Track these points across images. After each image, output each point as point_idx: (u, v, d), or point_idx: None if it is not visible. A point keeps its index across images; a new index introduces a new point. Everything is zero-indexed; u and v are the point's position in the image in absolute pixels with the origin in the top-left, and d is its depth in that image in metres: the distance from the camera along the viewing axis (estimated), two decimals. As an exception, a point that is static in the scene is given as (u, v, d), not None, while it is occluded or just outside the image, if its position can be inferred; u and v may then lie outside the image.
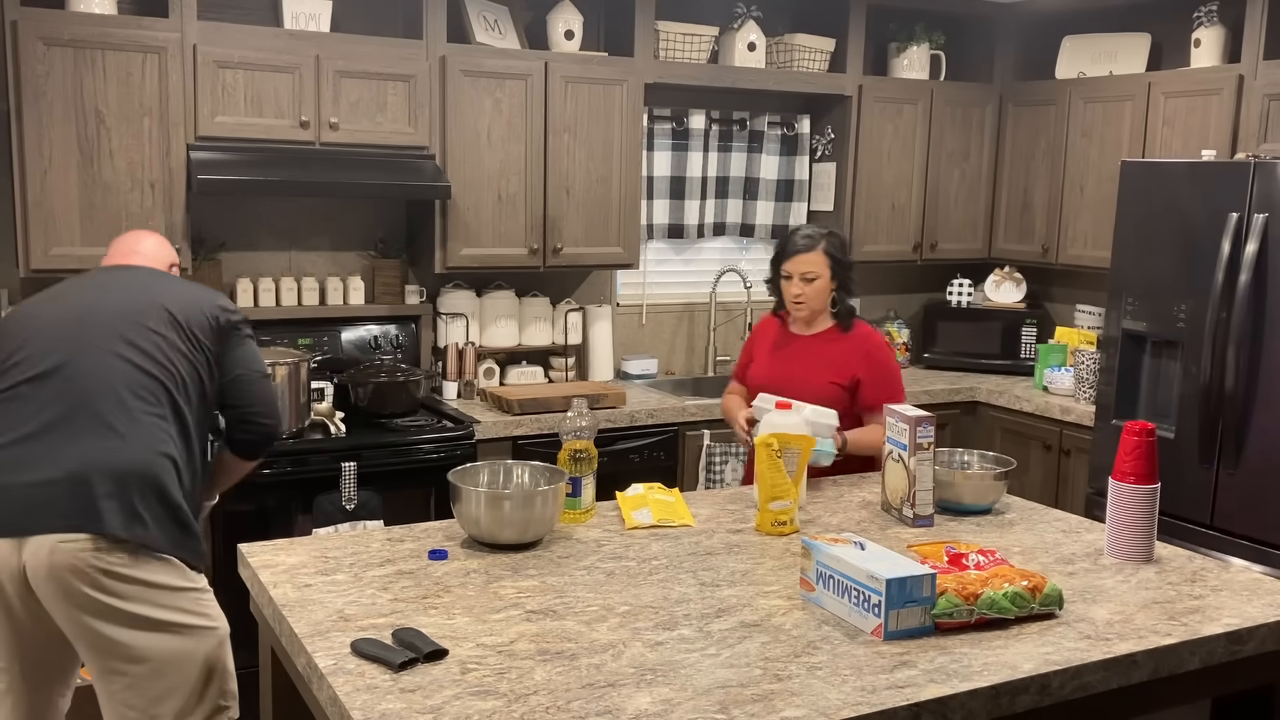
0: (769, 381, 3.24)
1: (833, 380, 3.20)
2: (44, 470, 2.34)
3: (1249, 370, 3.64)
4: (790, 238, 3.27)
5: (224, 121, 3.72)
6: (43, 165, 3.50)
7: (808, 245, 3.21)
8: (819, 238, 3.23)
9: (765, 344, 3.39)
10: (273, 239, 4.21)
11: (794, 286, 3.22)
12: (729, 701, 1.78)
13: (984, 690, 1.87)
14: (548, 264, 4.32)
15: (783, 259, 3.24)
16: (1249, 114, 4.19)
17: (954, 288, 5.37)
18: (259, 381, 2.72)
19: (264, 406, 2.73)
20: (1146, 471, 2.48)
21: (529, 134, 4.21)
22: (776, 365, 3.30)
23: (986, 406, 4.86)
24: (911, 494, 2.69)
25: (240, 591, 2.50)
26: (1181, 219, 3.84)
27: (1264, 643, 2.19)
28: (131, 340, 2.50)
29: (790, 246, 3.23)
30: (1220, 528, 3.74)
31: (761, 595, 2.24)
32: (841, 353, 3.24)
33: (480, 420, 3.97)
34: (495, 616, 2.10)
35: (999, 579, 2.13)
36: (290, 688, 2.24)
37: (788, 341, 3.34)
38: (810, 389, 3.16)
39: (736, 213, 5.09)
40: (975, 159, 5.23)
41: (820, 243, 3.21)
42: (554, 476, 2.61)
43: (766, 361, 3.35)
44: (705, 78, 4.63)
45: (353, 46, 3.91)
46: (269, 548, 2.48)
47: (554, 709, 1.74)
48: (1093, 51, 4.96)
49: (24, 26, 3.44)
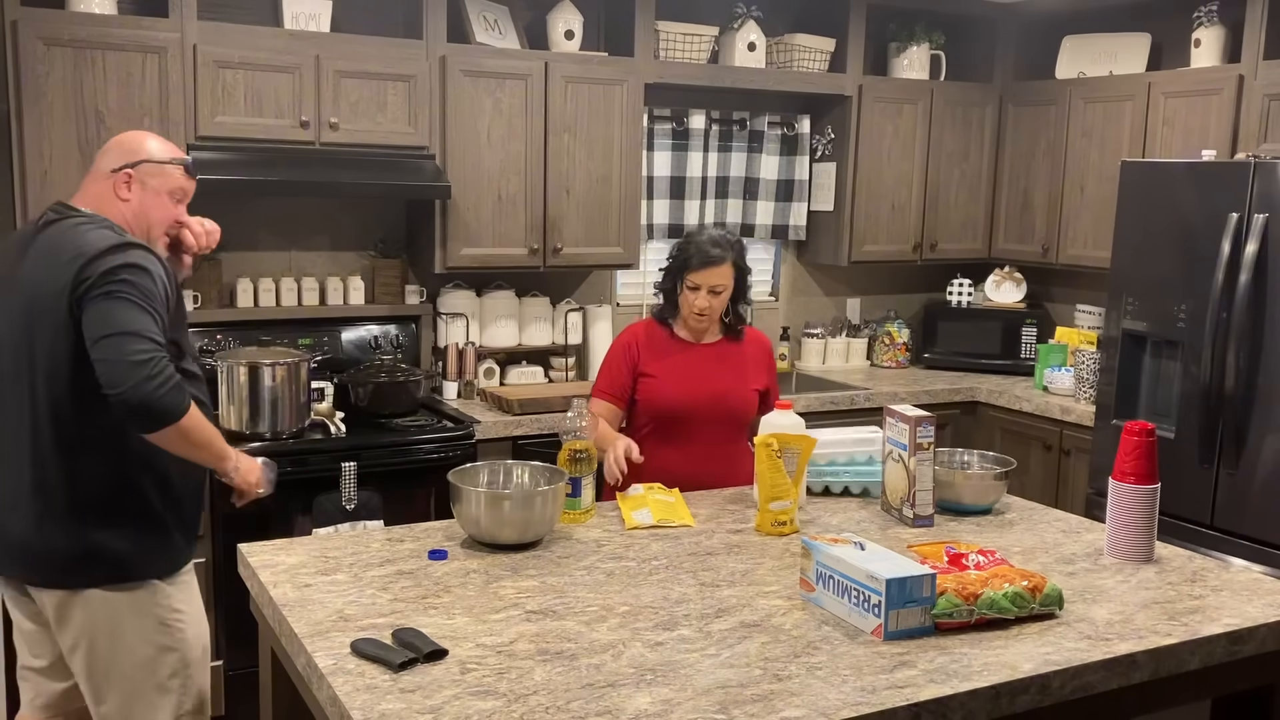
0: (693, 396, 3.07)
1: (754, 387, 3.16)
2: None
3: (1249, 370, 3.64)
4: (699, 247, 3.04)
5: (224, 121, 3.72)
6: (43, 165, 3.50)
7: (720, 257, 3.02)
8: (729, 248, 3.06)
9: (654, 355, 3.12)
10: (273, 239, 4.21)
11: (700, 299, 3.03)
12: (729, 701, 1.78)
13: (984, 690, 1.87)
14: (548, 264, 4.32)
15: (690, 269, 3.04)
16: (1249, 114, 4.18)
17: (954, 288, 5.37)
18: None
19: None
20: (1146, 471, 2.48)
21: (529, 134, 4.21)
22: (692, 377, 3.09)
23: (986, 406, 4.86)
24: (911, 494, 2.69)
25: (240, 591, 2.50)
26: (1181, 219, 3.84)
27: (1264, 643, 2.19)
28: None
29: (701, 258, 3.02)
30: (1220, 528, 3.74)
31: (761, 595, 2.24)
32: (749, 358, 3.18)
33: (480, 420, 3.97)
34: (495, 616, 2.10)
35: (999, 579, 2.13)
36: (290, 688, 2.24)
37: (682, 350, 3.13)
38: (739, 398, 3.12)
39: (736, 213, 5.09)
40: (975, 159, 5.23)
41: (730, 254, 3.05)
42: (554, 476, 2.61)
43: (673, 374, 3.10)
44: (705, 78, 4.63)
45: (353, 46, 3.91)
46: (269, 548, 2.48)
47: (554, 709, 1.74)
48: (1093, 51, 4.96)
49: (24, 26, 3.44)
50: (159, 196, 2.56)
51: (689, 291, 3.06)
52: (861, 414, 4.62)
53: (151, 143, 2.59)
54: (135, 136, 2.60)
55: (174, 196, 2.59)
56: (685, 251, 3.07)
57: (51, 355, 2.36)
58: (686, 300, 3.07)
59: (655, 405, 3.09)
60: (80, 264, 2.33)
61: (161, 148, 2.59)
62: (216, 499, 3.49)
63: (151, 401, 2.28)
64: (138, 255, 2.38)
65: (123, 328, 2.31)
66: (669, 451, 3.06)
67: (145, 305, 2.34)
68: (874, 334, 5.42)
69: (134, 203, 2.53)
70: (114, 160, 2.54)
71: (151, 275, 2.37)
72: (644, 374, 3.11)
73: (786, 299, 5.33)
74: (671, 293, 3.13)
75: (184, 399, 2.33)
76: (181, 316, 2.54)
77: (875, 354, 5.40)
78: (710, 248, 3.04)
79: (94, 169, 2.57)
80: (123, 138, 2.61)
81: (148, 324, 2.33)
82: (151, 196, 2.55)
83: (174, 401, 2.31)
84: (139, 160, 2.54)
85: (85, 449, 2.39)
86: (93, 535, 2.39)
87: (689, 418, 3.07)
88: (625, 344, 3.15)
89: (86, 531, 2.39)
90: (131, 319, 2.32)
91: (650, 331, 3.16)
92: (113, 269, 2.34)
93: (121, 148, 2.57)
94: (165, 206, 2.58)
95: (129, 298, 2.33)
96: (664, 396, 3.08)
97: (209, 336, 3.94)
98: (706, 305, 3.05)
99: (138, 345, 2.29)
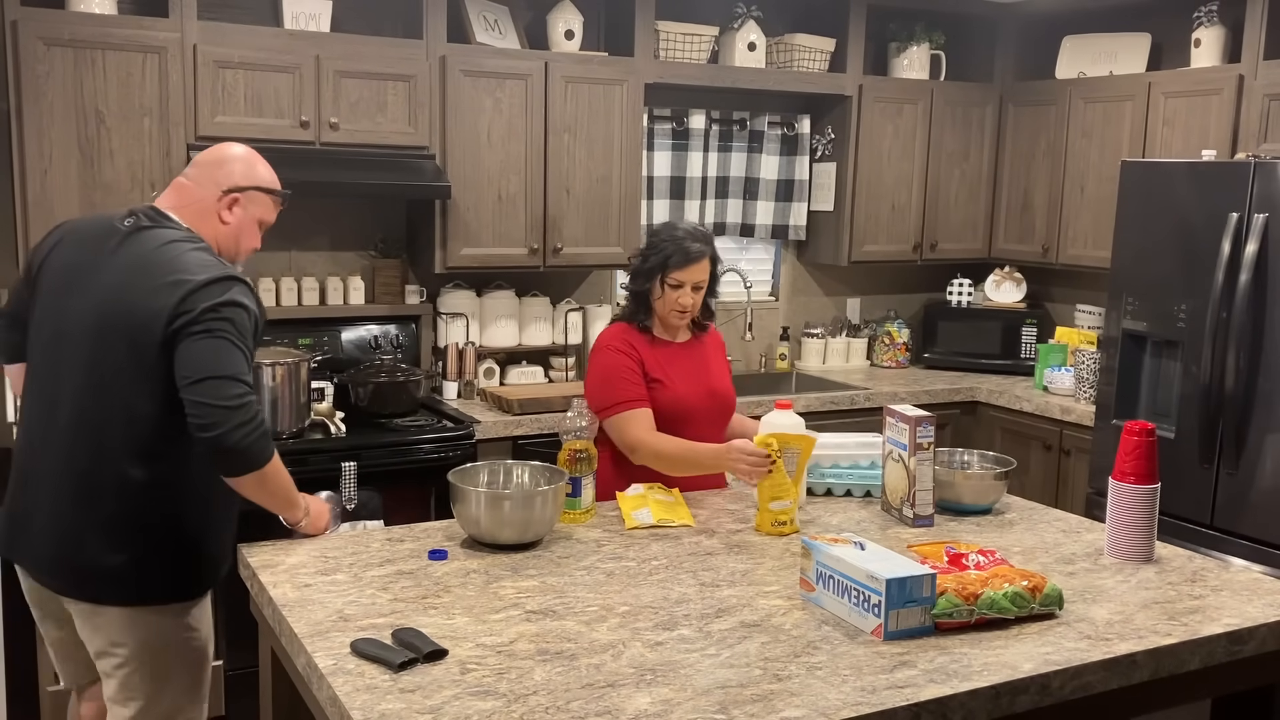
0: (694, 394, 2.99)
1: (728, 378, 3.15)
2: None
3: (1249, 370, 3.64)
4: (679, 245, 2.91)
5: (224, 121, 3.72)
6: (43, 165, 3.50)
7: (701, 253, 2.91)
8: (707, 241, 2.95)
9: (651, 359, 2.98)
10: (273, 239, 4.16)
11: (685, 297, 2.92)
12: (729, 701, 1.78)
13: (984, 690, 1.87)
14: (548, 264, 4.32)
15: (671, 268, 2.90)
16: (1249, 114, 4.18)
17: (954, 288, 5.37)
18: None
19: None
20: (1146, 471, 2.48)
21: (529, 134, 4.21)
22: (687, 376, 3.01)
23: (986, 406, 4.86)
24: (911, 494, 2.69)
25: (240, 592, 2.50)
26: (1181, 219, 3.84)
27: (1264, 643, 2.19)
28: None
29: (683, 255, 2.89)
30: (1220, 528, 3.74)
31: (761, 595, 2.24)
32: (713, 351, 3.14)
33: (480, 420, 3.97)
34: (495, 616, 2.10)
35: (999, 579, 2.13)
36: (290, 688, 2.24)
37: (666, 350, 3.02)
38: (726, 391, 3.10)
39: (736, 213, 5.09)
40: (975, 159, 5.23)
41: (709, 248, 2.95)
42: (554, 476, 2.61)
43: (674, 375, 2.99)
44: (705, 78, 4.63)
45: (353, 46, 3.91)
46: (269, 548, 2.48)
47: (553, 709, 1.74)
48: (1093, 51, 4.96)
49: (24, 26, 3.44)
50: (252, 224, 2.52)
51: (670, 290, 2.93)
52: (861, 414, 4.62)
53: (262, 167, 2.53)
54: (248, 158, 2.52)
55: (262, 225, 2.56)
56: (663, 250, 2.92)
57: (121, 371, 2.30)
58: (668, 300, 2.94)
59: (669, 412, 2.94)
60: (183, 293, 2.27)
61: (270, 175, 2.54)
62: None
63: (243, 447, 2.26)
64: (239, 292, 2.33)
65: (221, 371, 2.27)
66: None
67: (241, 345, 2.31)
68: (874, 334, 5.42)
69: (233, 227, 2.49)
70: (226, 178, 2.47)
71: (249, 312, 2.34)
72: (652, 380, 2.95)
73: (786, 299, 5.33)
74: (645, 295, 2.98)
75: (269, 446, 2.31)
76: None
77: (875, 354, 5.40)
78: (691, 244, 2.91)
79: (195, 175, 2.49)
80: (235, 154, 2.52)
81: (242, 366, 2.30)
82: (248, 223, 2.51)
83: (261, 448, 2.29)
84: (251, 186, 2.49)
85: (139, 468, 2.33)
86: (128, 553, 2.34)
87: (691, 417, 3.00)
88: (625, 352, 2.95)
89: (122, 549, 2.34)
90: (230, 362, 2.28)
91: (632, 337, 2.99)
92: (216, 306, 2.29)
93: (229, 167, 2.49)
94: (254, 235, 2.55)
95: (228, 338, 2.29)
96: (673, 399, 2.95)
97: (209, 336, 3.94)
98: (690, 303, 2.94)
99: (234, 390, 2.26)
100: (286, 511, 2.49)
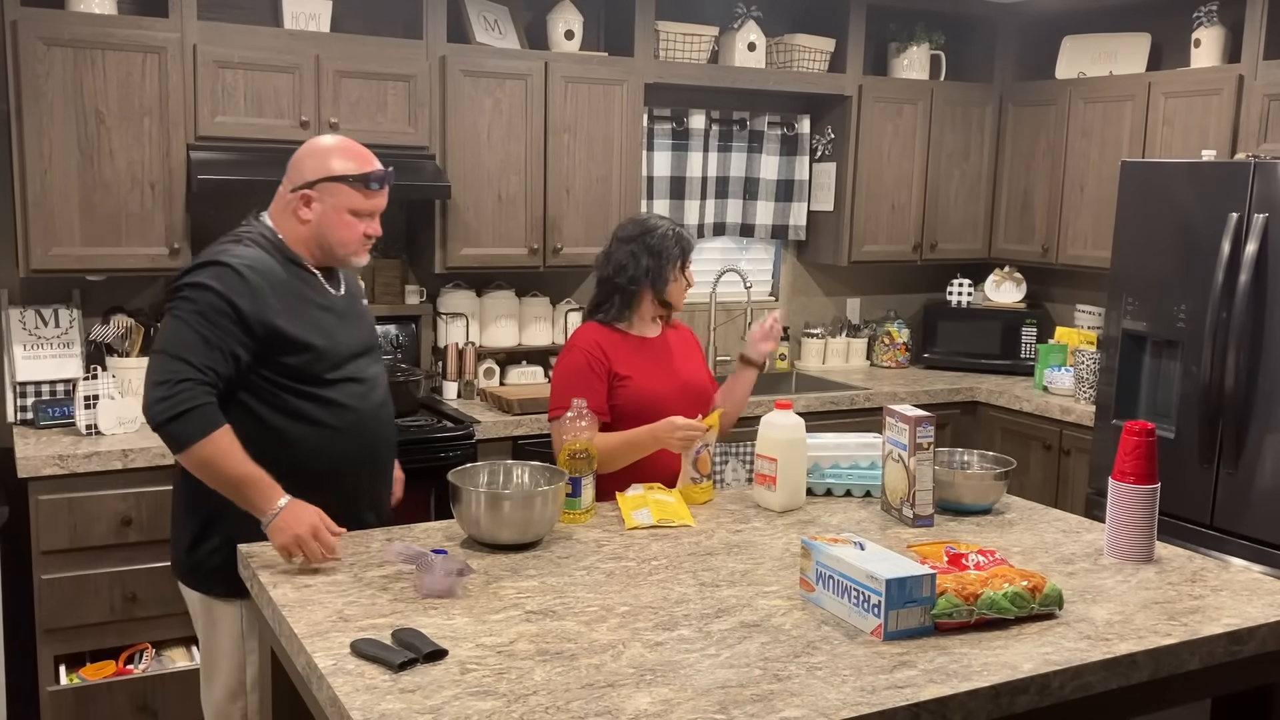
0: (670, 387, 3.02)
1: (706, 369, 3.24)
2: None
3: (1249, 370, 3.64)
4: (679, 237, 3.04)
5: (224, 121, 3.72)
6: (43, 165, 3.50)
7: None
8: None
9: (619, 358, 3.00)
10: (273, 239, 4.20)
11: (690, 280, 3.10)
12: (728, 702, 1.78)
13: (984, 690, 1.87)
14: (548, 264, 4.32)
15: (679, 260, 3.04)
16: (1249, 114, 4.18)
17: (954, 288, 5.37)
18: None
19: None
20: (1146, 471, 2.48)
21: (529, 134, 4.21)
22: (662, 370, 3.05)
23: (986, 406, 4.86)
24: (911, 494, 2.69)
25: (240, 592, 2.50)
26: (1181, 219, 3.84)
27: (1264, 643, 2.19)
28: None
29: (685, 245, 3.05)
30: (1220, 528, 3.74)
31: (761, 595, 2.24)
32: (686, 344, 3.22)
33: (480, 420, 3.96)
34: (495, 617, 2.10)
35: (999, 579, 2.13)
36: (290, 688, 2.24)
37: (640, 347, 3.06)
38: (704, 380, 3.17)
39: (736, 213, 5.09)
40: (975, 159, 5.23)
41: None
42: (554, 477, 2.61)
43: (645, 370, 3.02)
44: (705, 78, 4.64)
45: (353, 46, 3.91)
46: (269, 548, 2.47)
47: (553, 709, 1.74)
48: (1093, 51, 4.96)
49: (24, 26, 3.44)
50: (340, 215, 2.49)
51: (675, 281, 3.06)
52: (861, 414, 4.62)
53: (336, 158, 2.49)
54: (321, 151, 2.51)
55: (358, 214, 2.51)
56: (666, 241, 3.01)
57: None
58: (679, 288, 3.08)
59: (639, 405, 2.97)
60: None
61: (346, 162, 2.50)
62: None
63: (159, 424, 2.30)
64: (207, 274, 2.36)
65: (159, 347, 2.34)
66: (661, 452, 2.96)
67: (193, 323, 2.32)
68: (874, 334, 5.42)
69: (314, 223, 2.50)
70: (297, 177, 2.50)
71: (214, 293, 2.34)
72: (620, 377, 2.99)
73: (786, 299, 5.33)
74: (634, 294, 3.03)
75: (193, 430, 2.29)
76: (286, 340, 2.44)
77: (875, 354, 5.40)
78: (685, 233, 3.07)
79: (286, 177, 2.53)
80: (310, 149, 2.52)
81: (184, 342, 2.31)
82: (333, 215, 2.49)
83: (178, 431, 2.29)
84: (320, 179, 2.48)
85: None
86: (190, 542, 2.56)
87: (663, 409, 2.95)
88: (586, 355, 2.98)
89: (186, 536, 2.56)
90: (169, 339, 2.32)
91: (601, 336, 3.02)
92: (179, 286, 2.37)
93: (302, 163, 2.50)
94: (348, 225, 2.51)
95: (179, 315, 2.33)
96: (647, 393, 2.98)
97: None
98: (687, 289, 3.11)
99: (163, 366, 2.30)
100: (244, 506, 2.38)
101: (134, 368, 3.70)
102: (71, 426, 3.60)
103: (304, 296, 2.51)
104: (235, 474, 2.35)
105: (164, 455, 3.43)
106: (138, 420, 3.61)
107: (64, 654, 3.45)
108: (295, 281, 2.51)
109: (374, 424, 2.63)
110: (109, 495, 3.39)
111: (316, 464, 2.50)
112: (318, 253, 2.54)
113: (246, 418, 2.43)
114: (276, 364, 2.44)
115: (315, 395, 2.49)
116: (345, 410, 2.54)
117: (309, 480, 2.45)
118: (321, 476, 2.50)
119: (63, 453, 3.33)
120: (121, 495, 3.40)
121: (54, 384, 3.71)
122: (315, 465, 2.50)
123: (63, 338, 3.75)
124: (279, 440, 2.47)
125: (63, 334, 3.75)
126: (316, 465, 2.50)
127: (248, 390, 2.45)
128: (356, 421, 2.57)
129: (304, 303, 2.50)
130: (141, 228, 3.63)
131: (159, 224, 3.65)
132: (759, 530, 2.68)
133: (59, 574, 3.37)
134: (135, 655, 3.51)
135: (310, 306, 2.51)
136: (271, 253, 2.49)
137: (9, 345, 3.71)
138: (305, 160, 2.51)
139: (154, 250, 3.66)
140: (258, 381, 2.45)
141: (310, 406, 2.49)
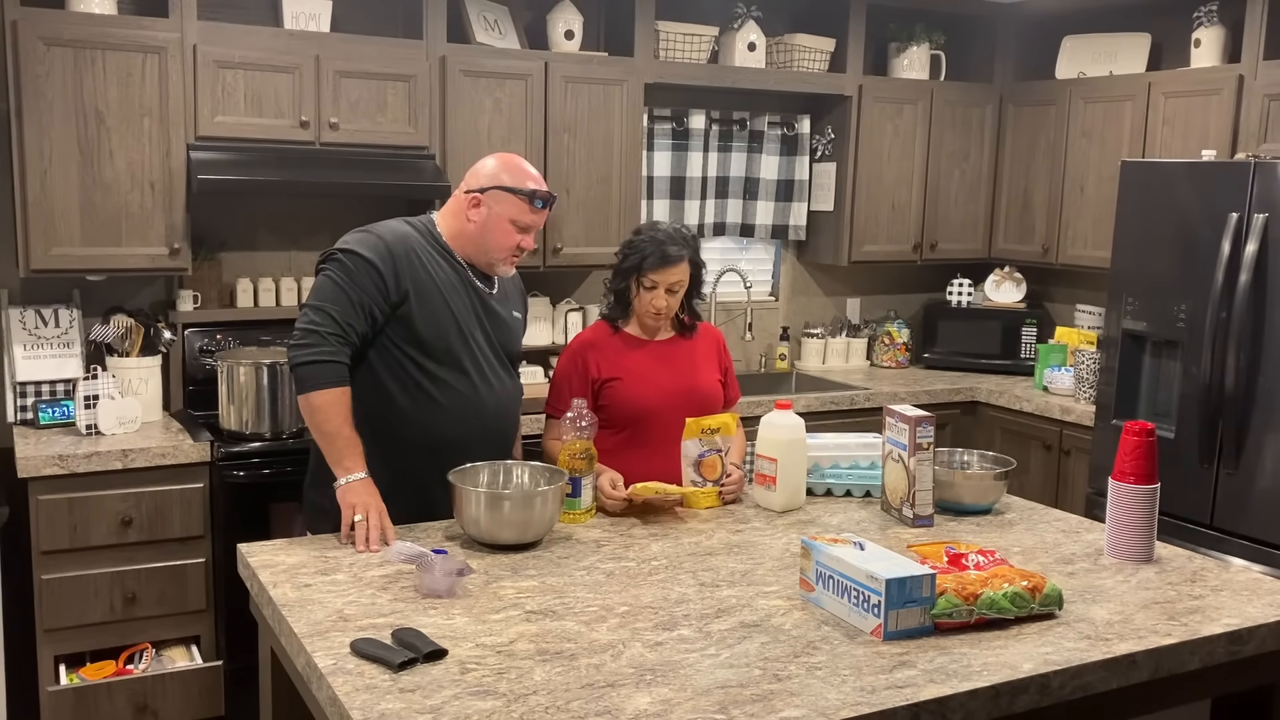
0: (662, 393, 2.96)
1: (715, 377, 3.09)
2: None
3: (1249, 370, 3.64)
4: (656, 246, 2.89)
5: (224, 121, 3.72)
6: (43, 165, 3.50)
7: (679, 255, 2.89)
8: (685, 244, 2.93)
9: (611, 359, 2.98)
10: (273, 239, 4.21)
11: (659, 299, 2.91)
12: (728, 701, 1.78)
13: (984, 690, 1.87)
14: (548, 264, 4.32)
15: (646, 269, 2.89)
16: (1249, 114, 4.18)
17: (954, 288, 5.37)
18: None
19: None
20: (1146, 471, 2.48)
21: (529, 134, 4.21)
22: (656, 375, 2.98)
23: (986, 406, 4.86)
24: (911, 494, 2.69)
25: (240, 592, 2.50)
26: (1181, 219, 3.84)
27: (1264, 643, 2.19)
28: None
29: (659, 256, 2.88)
30: (1220, 528, 3.74)
31: (761, 595, 2.24)
32: (700, 350, 3.08)
33: (480, 420, 3.96)
34: (495, 617, 2.10)
35: (999, 579, 2.13)
36: (290, 688, 2.24)
37: (637, 348, 3.01)
38: (706, 388, 3.04)
39: (736, 213, 5.09)
40: (975, 159, 5.23)
41: (687, 251, 2.92)
42: (554, 476, 2.61)
43: (636, 373, 2.97)
44: (705, 78, 4.63)
45: (353, 46, 3.90)
46: (269, 548, 2.48)
47: (553, 709, 1.74)
48: (1093, 51, 4.96)
49: (24, 26, 3.44)
50: (502, 222, 2.71)
51: (645, 291, 2.92)
52: (861, 414, 4.62)
53: (509, 172, 2.73)
54: (500, 163, 2.74)
55: (517, 225, 2.73)
56: (640, 250, 2.91)
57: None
58: (643, 300, 2.93)
59: (626, 408, 2.94)
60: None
61: (516, 176, 2.72)
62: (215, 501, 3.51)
63: (294, 367, 2.57)
64: (354, 241, 2.64)
65: (310, 301, 2.61)
66: (652, 457, 2.93)
67: (339, 280, 2.59)
68: (874, 334, 5.42)
69: (478, 225, 2.72)
70: (473, 180, 2.74)
71: (359, 257, 2.60)
72: (607, 379, 2.95)
73: (786, 299, 5.33)
74: (624, 292, 2.98)
75: (320, 379, 2.54)
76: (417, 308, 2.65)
77: (875, 354, 5.40)
78: (669, 246, 2.89)
79: (464, 179, 2.78)
80: (491, 160, 2.77)
81: (326, 295, 2.59)
82: (495, 222, 2.71)
83: (305, 375, 2.56)
84: (491, 186, 2.71)
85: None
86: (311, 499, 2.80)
87: (662, 416, 2.94)
88: (571, 356, 2.99)
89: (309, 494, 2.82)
90: (316, 293, 2.61)
91: (599, 336, 3.01)
92: (331, 251, 2.65)
93: (480, 171, 2.75)
94: (506, 233, 2.72)
95: (327, 273, 2.62)
96: (633, 397, 2.94)
97: (209, 336, 3.94)
98: (664, 305, 2.92)
99: (306, 315, 2.59)
100: (330, 462, 2.60)
101: (134, 368, 3.70)
102: (71, 426, 3.60)
103: (442, 276, 2.71)
104: (333, 430, 2.57)
105: (164, 455, 3.44)
106: (138, 420, 3.62)
107: (64, 654, 3.45)
108: (439, 262, 2.72)
109: (480, 419, 2.75)
110: (109, 495, 3.39)
111: (412, 433, 2.68)
112: (471, 251, 2.75)
113: (366, 373, 2.67)
114: (404, 329, 2.66)
115: (430, 370, 2.68)
116: (455, 393, 2.70)
117: (400, 448, 2.68)
118: (412, 447, 2.68)
119: (63, 453, 3.34)
120: (121, 495, 3.40)
121: (54, 384, 3.71)
122: (411, 435, 2.68)
123: (63, 338, 3.75)
124: (389, 402, 2.68)
125: (63, 334, 3.75)
126: (412, 435, 2.68)
127: (375, 349, 2.67)
128: (465, 407, 2.72)
129: (442, 281, 2.70)
130: (141, 228, 3.63)
131: (159, 224, 3.65)
132: (759, 530, 2.68)
133: (59, 574, 3.37)
134: (135, 655, 3.51)
135: (449, 288, 2.71)
136: (424, 235, 2.73)
137: (9, 345, 3.71)
138: (483, 169, 2.75)
139: (154, 250, 3.66)
140: (385, 343, 2.67)
141: (423, 378, 2.68)
